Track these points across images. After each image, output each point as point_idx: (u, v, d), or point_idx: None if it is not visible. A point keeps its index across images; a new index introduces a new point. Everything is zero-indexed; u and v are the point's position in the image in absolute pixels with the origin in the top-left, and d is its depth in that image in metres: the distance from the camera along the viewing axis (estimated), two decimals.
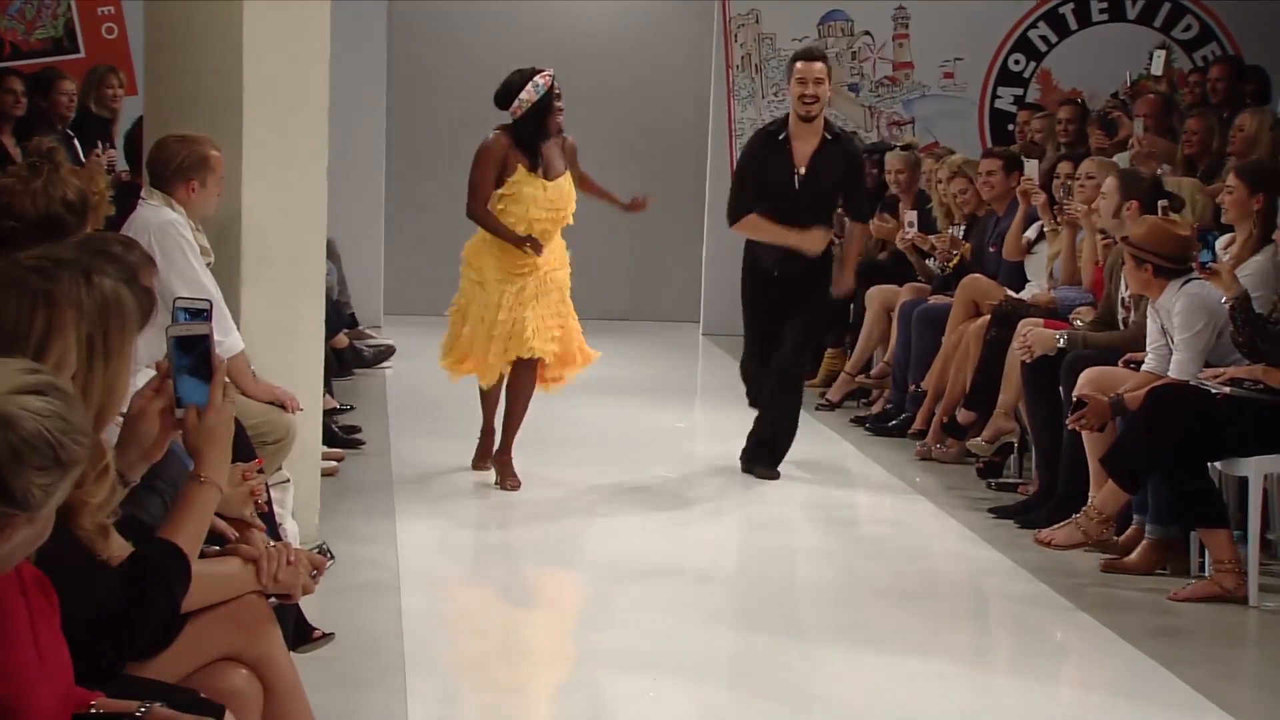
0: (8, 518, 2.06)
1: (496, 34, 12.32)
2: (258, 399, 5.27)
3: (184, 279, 5.07)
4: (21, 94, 8.90)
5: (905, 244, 8.97)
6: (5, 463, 2.02)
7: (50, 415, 2.06)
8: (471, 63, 12.08)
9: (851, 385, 9.23)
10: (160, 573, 2.72)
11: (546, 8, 12.49)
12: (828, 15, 12.21)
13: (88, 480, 2.58)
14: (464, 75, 12.09)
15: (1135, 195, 6.60)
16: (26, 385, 2.07)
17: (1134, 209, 6.50)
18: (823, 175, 7.22)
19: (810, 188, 7.21)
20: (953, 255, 8.56)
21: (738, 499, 7.07)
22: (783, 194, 7.21)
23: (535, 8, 12.46)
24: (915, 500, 7.11)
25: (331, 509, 6.19)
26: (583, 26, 12.50)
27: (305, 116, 5.75)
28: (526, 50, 11.79)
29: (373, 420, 8.26)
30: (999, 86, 12.27)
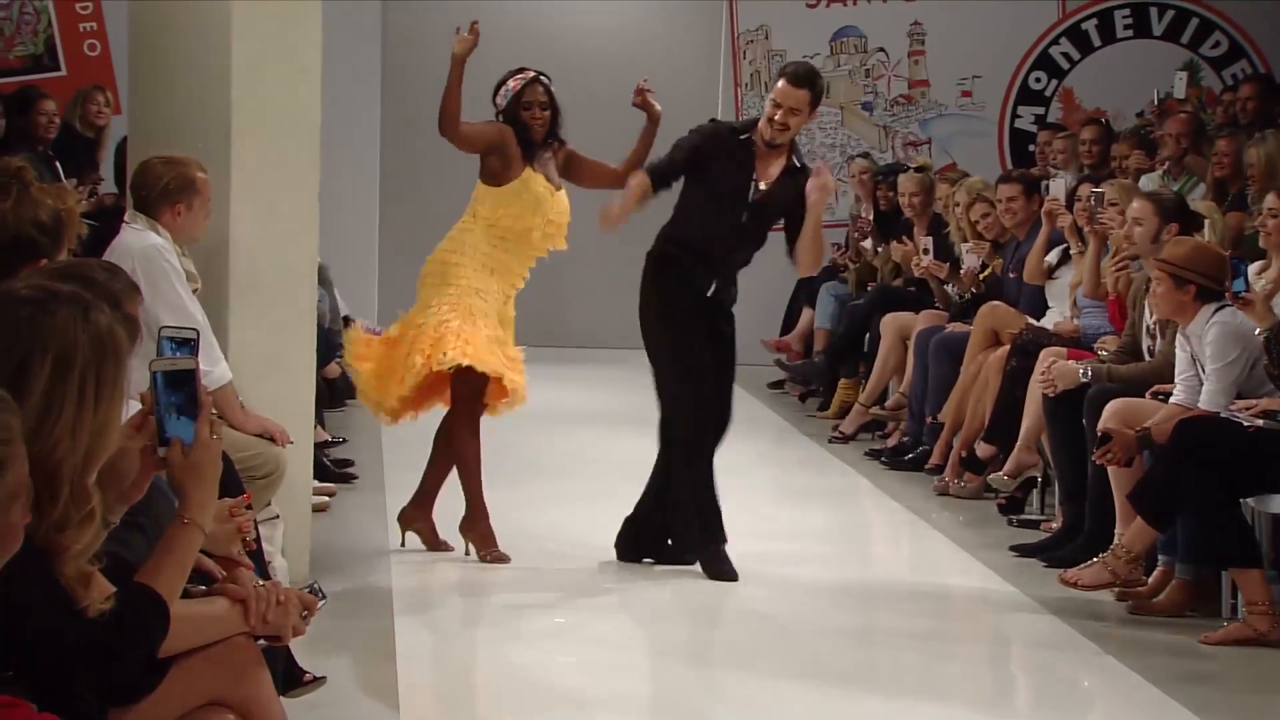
0: None
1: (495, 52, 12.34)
2: (246, 431, 5.27)
3: (169, 306, 5.08)
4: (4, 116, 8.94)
5: (921, 270, 8.98)
6: None
7: None
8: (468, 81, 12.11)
9: (866, 417, 9.22)
10: (139, 621, 2.71)
11: (549, 25, 12.54)
12: (840, 31, 12.24)
13: (70, 524, 2.58)
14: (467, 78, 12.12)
15: (1175, 218, 6.59)
16: None
17: (1174, 232, 6.49)
18: (777, 198, 6.59)
19: (762, 205, 6.58)
20: (985, 268, 8.54)
21: (746, 536, 7.04)
22: (734, 198, 6.49)
23: (537, 23, 12.51)
24: (933, 537, 7.09)
25: (323, 546, 6.17)
26: (586, 43, 12.54)
27: (296, 137, 5.76)
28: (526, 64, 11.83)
29: (366, 453, 8.25)
30: (1019, 105, 12.29)
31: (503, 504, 7.20)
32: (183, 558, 2.83)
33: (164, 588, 2.77)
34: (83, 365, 2.60)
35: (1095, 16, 12.25)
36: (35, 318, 2.59)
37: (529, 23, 12.54)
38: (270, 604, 3.06)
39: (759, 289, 12.04)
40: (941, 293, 9.00)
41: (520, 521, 6.94)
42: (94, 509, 2.61)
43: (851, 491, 8.06)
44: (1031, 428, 7.20)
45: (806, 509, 7.59)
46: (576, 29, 12.59)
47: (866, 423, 9.25)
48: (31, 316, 2.59)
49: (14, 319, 2.58)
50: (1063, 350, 7.08)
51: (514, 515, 7.03)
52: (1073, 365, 6.71)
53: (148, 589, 2.76)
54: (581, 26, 12.62)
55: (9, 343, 2.56)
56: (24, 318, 2.59)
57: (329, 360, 9.08)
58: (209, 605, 3.03)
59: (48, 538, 2.57)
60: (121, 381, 2.68)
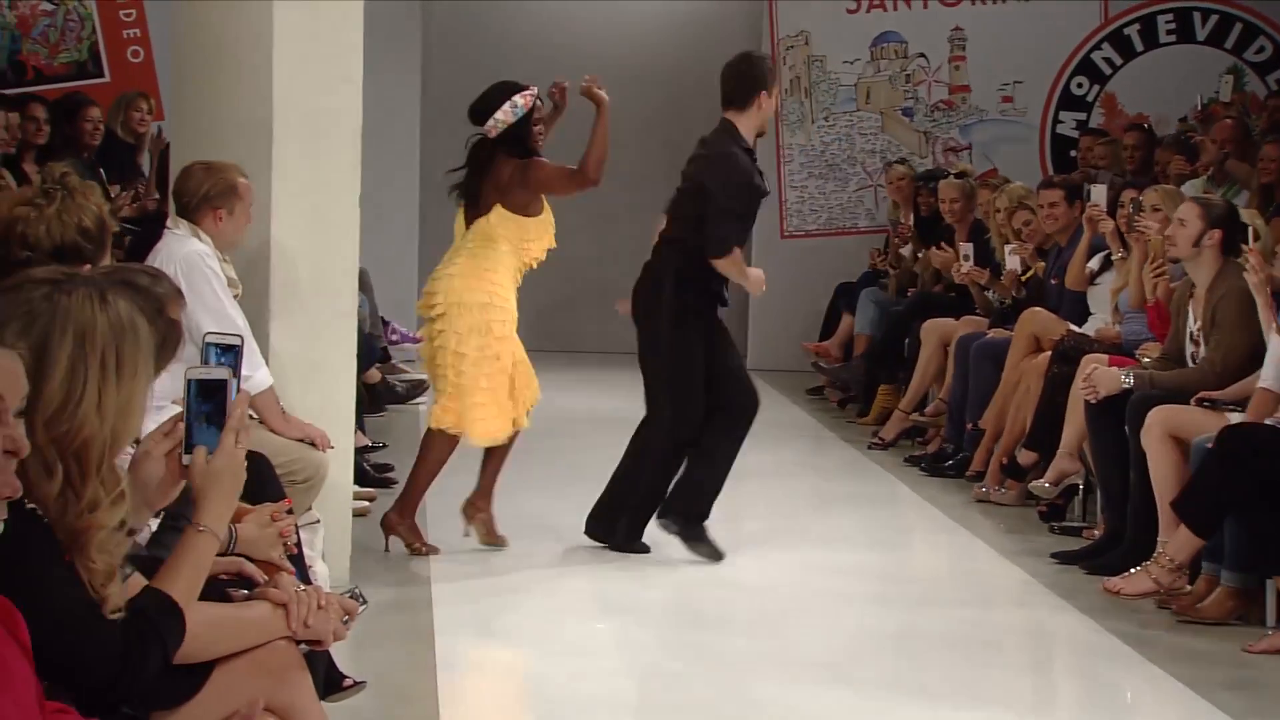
0: None
1: (534, 52, 12.38)
2: (287, 436, 5.29)
3: (210, 311, 5.10)
4: (44, 121, 8.98)
5: (962, 276, 8.95)
6: None
7: None
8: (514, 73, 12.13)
9: (906, 423, 9.19)
10: (154, 626, 2.71)
11: (586, 29, 12.55)
12: (881, 37, 12.22)
13: (101, 505, 2.59)
14: None
15: (1220, 224, 6.55)
16: None
17: (1216, 238, 6.45)
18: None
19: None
20: (1026, 270, 8.51)
21: (784, 543, 7.03)
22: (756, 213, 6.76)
23: (574, 28, 12.53)
24: (974, 545, 7.06)
25: (363, 551, 6.19)
26: (624, 48, 12.55)
27: (337, 141, 5.78)
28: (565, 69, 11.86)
29: (406, 458, 8.24)
30: (1061, 111, 12.23)
31: (546, 509, 7.22)
32: (197, 564, 2.81)
33: (179, 593, 2.76)
34: (103, 344, 2.61)
35: (1138, 21, 12.18)
36: (53, 296, 2.61)
37: (565, 28, 12.57)
38: (311, 608, 3.07)
39: (798, 295, 12.16)
40: (982, 299, 8.96)
41: (562, 525, 6.94)
42: (124, 491, 2.62)
43: (891, 498, 8.03)
44: (1073, 434, 7.16)
45: (845, 515, 7.57)
46: (615, 34, 12.60)
47: (906, 429, 9.22)
48: (49, 295, 2.61)
49: (31, 299, 2.60)
50: (1104, 357, 7.05)
51: (556, 519, 7.04)
52: (1115, 372, 6.67)
53: (161, 593, 2.75)
54: (620, 31, 12.63)
55: (29, 322, 2.58)
56: (41, 297, 2.61)
57: (369, 365, 9.13)
58: (251, 609, 3.04)
59: (80, 519, 2.58)
60: (143, 363, 2.68)
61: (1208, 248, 6.42)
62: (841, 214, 12.34)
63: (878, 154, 12.26)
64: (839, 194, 12.32)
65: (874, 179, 12.24)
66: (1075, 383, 7.02)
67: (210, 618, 2.92)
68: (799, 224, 12.32)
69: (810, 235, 12.31)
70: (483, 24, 12.61)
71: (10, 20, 11.38)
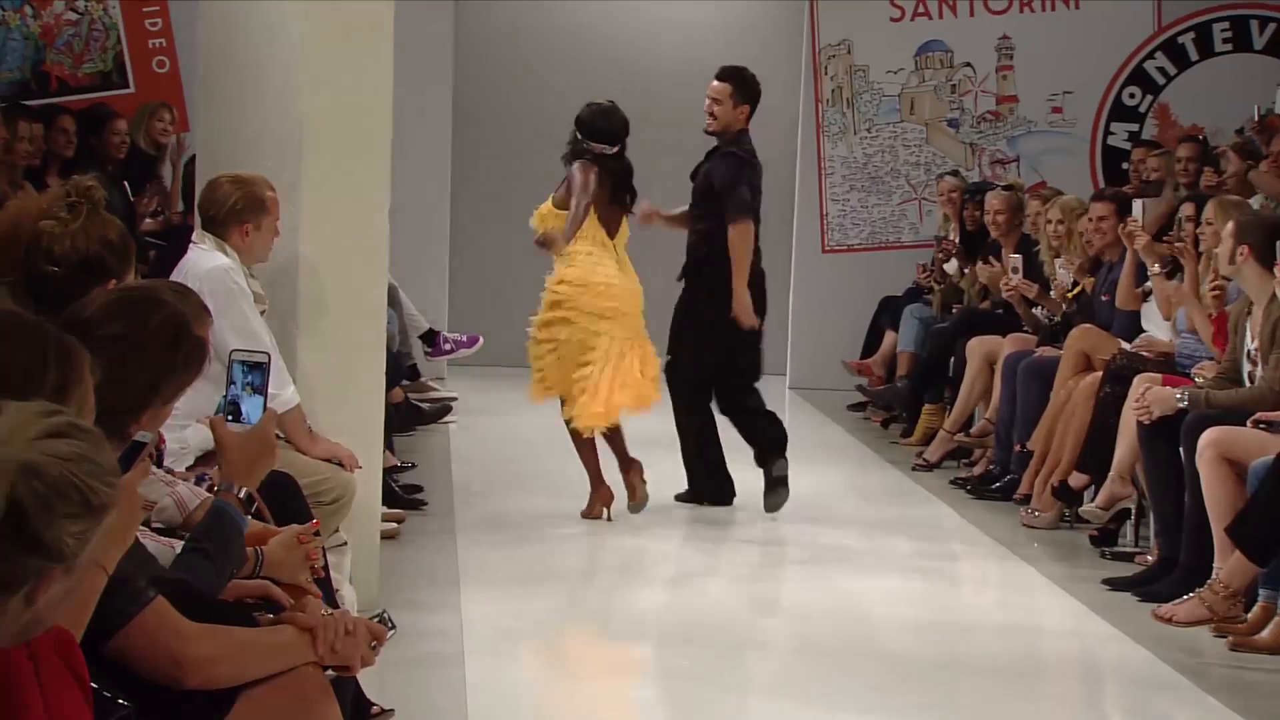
0: (43, 571, 2.08)
1: (568, 61, 12.42)
2: (314, 456, 5.30)
3: (237, 328, 5.12)
4: (73, 134, 9.05)
5: (1010, 291, 8.91)
6: (35, 513, 2.05)
7: (76, 459, 2.08)
8: (541, 91, 12.20)
9: (951, 444, 9.17)
10: None
11: (623, 37, 12.59)
12: (925, 45, 12.20)
13: None
14: (533, 106, 12.21)
15: (1249, 240, 6.52)
16: (48, 429, 2.10)
17: (1246, 254, 6.43)
18: (701, 183, 7.86)
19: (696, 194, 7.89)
20: (1075, 285, 8.47)
21: (825, 568, 7.02)
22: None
23: (611, 37, 12.56)
24: (1021, 570, 7.04)
25: (392, 574, 6.20)
26: (661, 57, 12.57)
27: (366, 153, 5.80)
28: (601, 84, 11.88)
29: (436, 479, 8.29)
30: (1112, 122, 12.19)
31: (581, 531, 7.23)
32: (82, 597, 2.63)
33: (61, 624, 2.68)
34: None
35: (1192, 30, 12.13)
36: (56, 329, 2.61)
37: (602, 32, 12.60)
38: (339, 633, 3.08)
39: (839, 311, 12.14)
40: (1029, 315, 8.93)
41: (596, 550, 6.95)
42: None
43: (936, 521, 8.01)
44: (1125, 457, 7.13)
45: (889, 539, 7.55)
46: (652, 42, 12.63)
47: (952, 450, 9.20)
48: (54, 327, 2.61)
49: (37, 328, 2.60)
50: (1158, 376, 7.01)
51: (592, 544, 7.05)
52: (1169, 391, 6.64)
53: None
54: (657, 39, 12.65)
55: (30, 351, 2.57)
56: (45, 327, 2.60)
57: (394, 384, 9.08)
58: (277, 634, 3.05)
59: None
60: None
61: (1242, 263, 6.41)
62: (884, 228, 12.32)
63: (922, 166, 12.24)
64: (882, 207, 12.30)
65: (918, 192, 12.22)
66: (1128, 403, 6.99)
67: (235, 643, 2.93)
68: (840, 238, 12.31)
69: (852, 250, 12.30)
70: (516, 29, 12.63)
71: (34, 30, 11.46)
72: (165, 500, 3.80)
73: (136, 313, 3.15)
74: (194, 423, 4.68)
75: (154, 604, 2.83)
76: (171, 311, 3.17)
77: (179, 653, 2.85)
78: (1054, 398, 7.95)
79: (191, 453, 4.65)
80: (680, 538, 7.52)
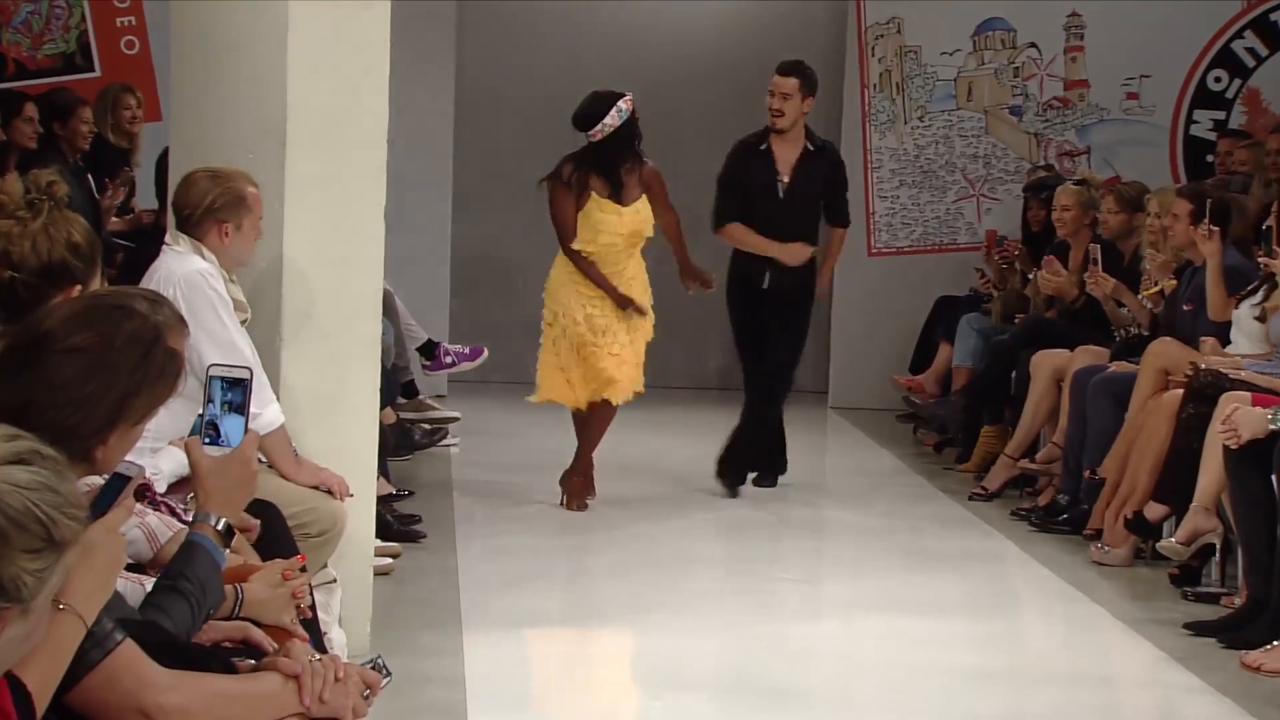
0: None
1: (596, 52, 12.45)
2: (300, 483, 5.32)
3: (214, 340, 5.14)
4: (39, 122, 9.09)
5: (1094, 285, 8.75)
6: None
7: (38, 488, 2.09)
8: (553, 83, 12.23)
9: (1013, 471, 9.16)
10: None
11: (651, 22, 12.62)
12: (985, 24, 12.22)
13: None
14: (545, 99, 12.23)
15: None
16: (8, 454, 2.10)
17: None
18: (806, 184, 8.80)
19: (793, 196, 8.79)
20: (1156, 284, 8.45)
21: (871, 609, 7.02)
22: (765, 195, 8.78)
23: (639, 21, 12.60)
24: (1093, 612, 7.03)
25: (387, 615, 6.22)
26: (689, 39, 12.61)
27: (360, 146, 5.82)
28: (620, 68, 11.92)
29: (435, 508, 8.31)
30: (1195, 109, 12.19)
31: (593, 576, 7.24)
32: (54, 647, 2.64)
33: (31, 680, 2.61)
34: None
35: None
36: None
37: (630, 20, 12.63)
38: (328, 681, 3.09)
39: (887, 321, 12.16)
40: (1118, 315, 8.82)
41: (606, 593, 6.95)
42: None
43: (996, 557, 8.01)
44: (1210, 485, 7.12)
45: (943, 577, 7.54)
46: (680, 26, 12.66)
47: (1014, 477, 9.19)
48: None
49: None
50: (1247, 395, 7.00)
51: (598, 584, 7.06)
52: (1260, 412, 6.63)
53: (12, 676, 2.68)
54: (686, 23, 12.67)
55: None
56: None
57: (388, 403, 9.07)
58: (259, 682, 3.06)
59: None
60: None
61: None
62: (938, 228, 12.33)
63: (980, 159, 12.25)
64: (935, 205, 12.31)
65: (976, 188, 12.24)
66: (1213, 424, 6.99)
67: (212, 692, 2.94)
68: (889, 239, 12.32)
69: (901, 252, 12.31)
70: (526, 16, 12.66)
71: None
72: (134, 532, 3.82)
73: (103, 323, 3.16)
74: (166, 445, 4.70)
75: (121, 648, 2.84)
76: (143, 322, 3.19)
77: (149, 703, 2.86)
78: (1129, 419, 7.95)
79: (164, 479, 4.67)
80: (710, 575, 7.53)
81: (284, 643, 3.33)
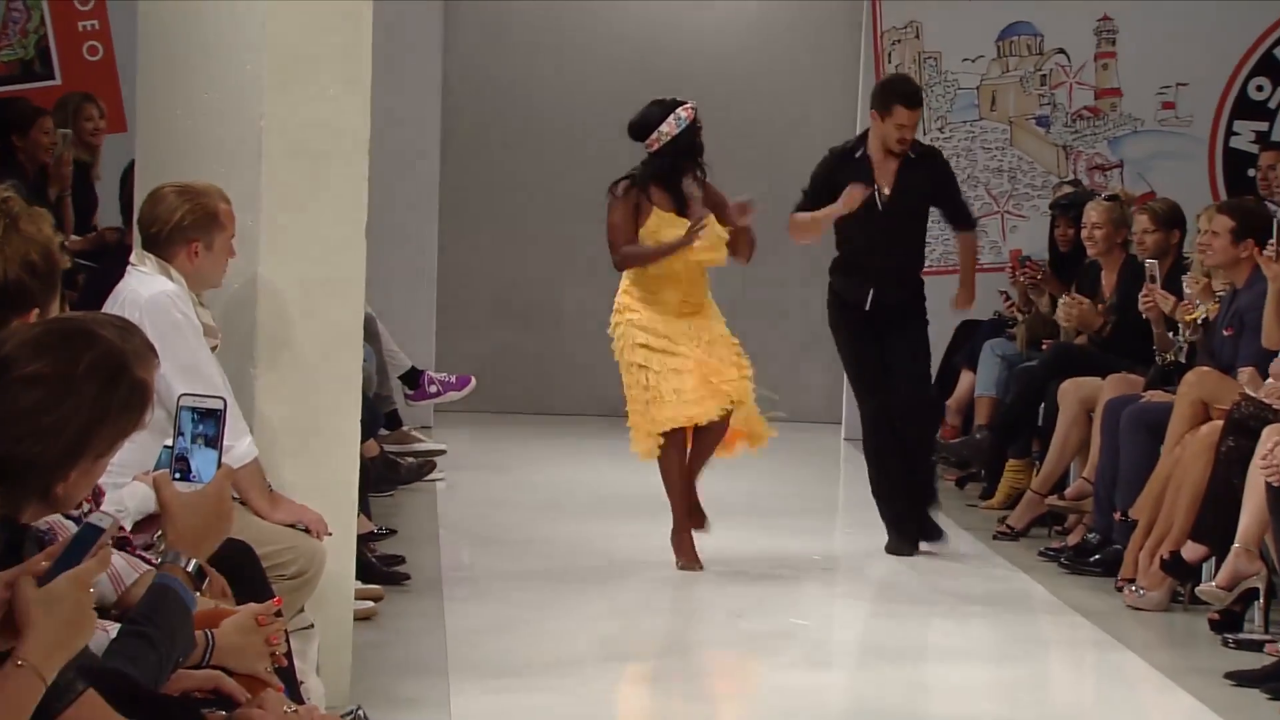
0: None
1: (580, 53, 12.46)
2: (275, 521, 5.32)
3: (182, 367, 5.13)
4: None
5: (1149, 306, 8.69)
6: None
7: None
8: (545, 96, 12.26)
9: (1041, 508, 9.16)
10: None
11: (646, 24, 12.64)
12: (1010, 28, 12.24)
13: None
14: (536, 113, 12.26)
15: None
16: None
17: None
18: (910, 194, 8.61)
19: (896, 208, 8.58)
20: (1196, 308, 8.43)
21: (889, 656, 7.02)
22: (865, 209, 8.48)
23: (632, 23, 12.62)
24: (1127, 661, 7.03)
25: (368, 663, 6.21)
26: (693, 44, 12.62)
27: (340, 159, 5.82)
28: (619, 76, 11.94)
29: (420, 548, 8.30)
30: (1236, 120, 12.21)
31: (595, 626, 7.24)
32: (13, 707, 2.69)
33: None
34: None
35: None
36: None
37: (630, 24, 12.64)
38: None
39: None
40: (1166, 339, 8.78)
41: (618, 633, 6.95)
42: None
43: (1022, 601, 8.00)
44: (1252, 525, 7.12)
45: (966, 622, 7.54)
46: (684, 30, 12.67)
47: (1041, 515, 9.19)
48: None
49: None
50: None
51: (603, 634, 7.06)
52: None
53: None
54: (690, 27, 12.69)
55: None
56: None
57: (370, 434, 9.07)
58: None
59: None
60: None
61: None
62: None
63: (1005, 173, 12.27)
64: None
65: (1000, 204, 12.24)
66: (1254, 460, 6.99)
67: None
68: None
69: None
70: (518, 26, 12.65)
71: None
72: None
73: (64, 349, 3.16)
74: (132, 480, 4.70)
75: (83, 699, 2.84)
76: (106, 348, 3.18)
77: None
78: (1165, 453, 7.94)
79: (129, 516, 4.67)
80: (715, 619, 7.52)
81: (258, 693, 3.34)
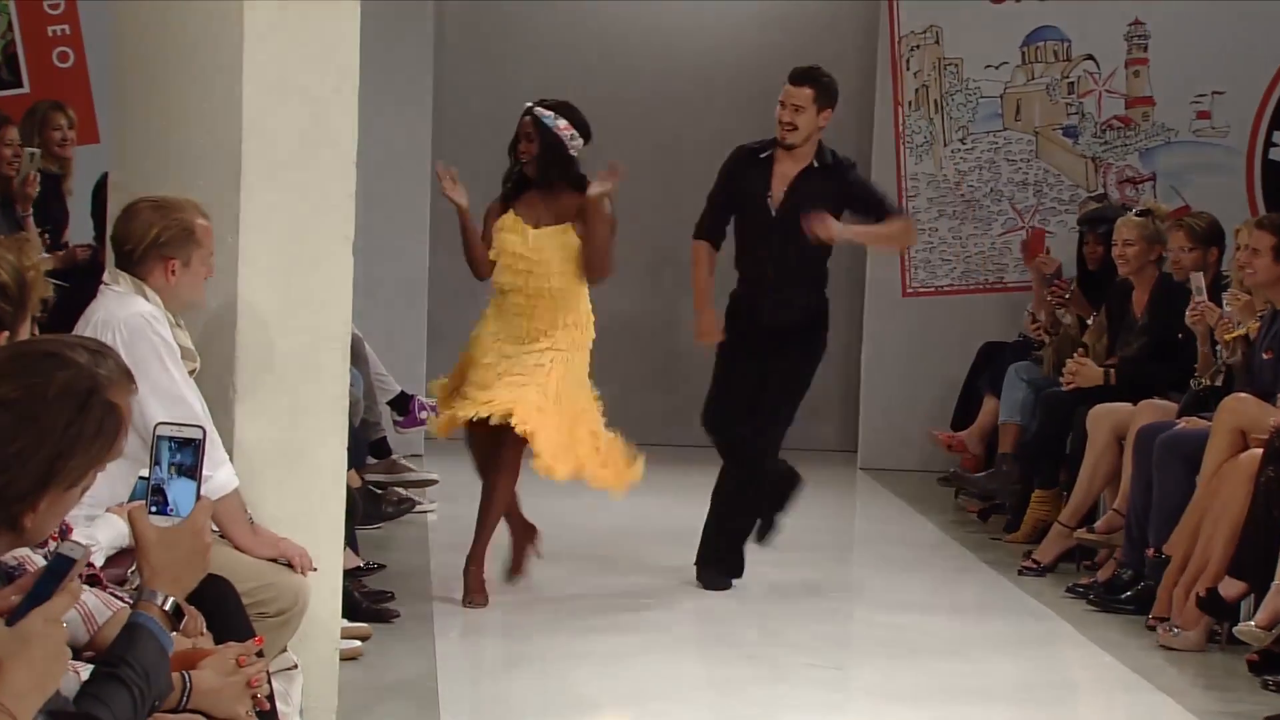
0: None
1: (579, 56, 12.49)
2: (256, 555, 5.32)
3: (160, 393, 5.14)
4: None
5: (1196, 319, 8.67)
6: None
7: None
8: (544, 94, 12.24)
9: (1069, 542, 9.16)
10: None
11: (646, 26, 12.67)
12: (1036, 33, 12.26)
13: None
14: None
15: None
16: None
17: None
18: (804, 204, 8.33)
19: (788, 216, 8.38)
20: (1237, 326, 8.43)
21: (909, 697, 7.02)
22: (756, 214, 8.51)
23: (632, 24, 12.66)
24: (1160, 704, 7.03)
25: (354, 705, 6.21)
26: (697, 47, 12.65)
27: (325, 171, 5.84)
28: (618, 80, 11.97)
29: (410, 583, 8.30)
30: (1275, 131, 12.23)
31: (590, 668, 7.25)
32: None
33: None
34: None
35: None
36: None
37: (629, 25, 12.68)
38: None
39: (925, 369, 12.16)
40: (1208, 357, 8.76)
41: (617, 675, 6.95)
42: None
43: (1050, 640, 8.00)
44: None
45: (990, 663, 7.54)
46: (687, 32, 12.71)
47: (1069, 549, 9.19)
48: None
49: None
50: None
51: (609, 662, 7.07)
52: None
53: None
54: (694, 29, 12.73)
55: None
56: None
57: (358, 464, 9.06)
58: None
59: None
60: None
61: None
62: (982, 265, 12.35)
63: (1030, 186, 12.28)
64: (979, 239, 12.34)
65: (1025, 219, 12.25)
66: None
67: None
68: (926, 278, 12.34)
69: (941, 292, 12.33)
70: (512, 30, 12.69)
71: None
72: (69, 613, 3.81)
73: (32, 373, 3.16)
74: (104, 512, 4.70)
75: None
76: (77, 372, 3.19)
77: None
78: (1201, 484, 7.94)
79: (102, 551, 4.67)
80: (721, 660, 7.52)
81: None
